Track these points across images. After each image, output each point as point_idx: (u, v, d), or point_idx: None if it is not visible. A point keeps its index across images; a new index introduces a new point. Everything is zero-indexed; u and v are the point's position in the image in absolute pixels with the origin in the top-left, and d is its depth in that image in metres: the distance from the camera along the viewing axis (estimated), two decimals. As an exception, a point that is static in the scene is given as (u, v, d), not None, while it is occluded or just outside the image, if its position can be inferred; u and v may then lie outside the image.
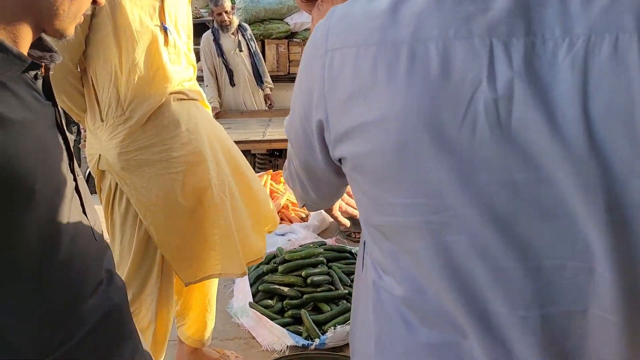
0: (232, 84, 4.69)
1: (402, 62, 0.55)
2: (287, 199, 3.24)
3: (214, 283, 1.92)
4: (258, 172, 3.59)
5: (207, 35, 4.66)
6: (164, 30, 1.61)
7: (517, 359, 0.58)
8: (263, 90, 4.77)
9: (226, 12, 4.50)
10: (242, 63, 4.64)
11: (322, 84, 0.61)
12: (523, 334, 0.57)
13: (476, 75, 0.53)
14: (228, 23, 4.54)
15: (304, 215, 3.15)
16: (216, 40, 4.60)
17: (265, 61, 4.92)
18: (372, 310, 0.69)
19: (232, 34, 4.60)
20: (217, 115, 4.62)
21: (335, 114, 0.61)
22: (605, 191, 0.52)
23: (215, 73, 4.68)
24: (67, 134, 0.84)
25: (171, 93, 1.64)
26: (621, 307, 0.55)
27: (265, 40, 5.00)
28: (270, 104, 4.83)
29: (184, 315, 1.89)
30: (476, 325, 0.59)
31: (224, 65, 4.62)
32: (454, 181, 0.55)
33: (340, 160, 0.65)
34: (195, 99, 1.73)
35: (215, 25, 4.62)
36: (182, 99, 1.68)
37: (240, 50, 4.61)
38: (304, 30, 4.99)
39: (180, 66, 1.69)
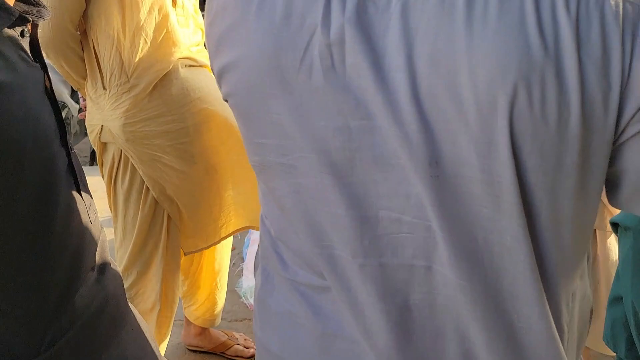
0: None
1: (254, 4, 0.55)
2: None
3: (225, 260, 1.85)
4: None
5: None
6: None
7: (361, 306, 0.59)
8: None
9: None
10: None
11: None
12: (364, 281, 0.58)
13: (313, 21, 0.52)
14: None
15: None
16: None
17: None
18: (260, 244, 0.73)
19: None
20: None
21: (212, 53, 0.63)
22: (428, 145, 0.51)
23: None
24: (67, 102, 0.73)
25: (179, 59, 1.56)
26: (458, 267, 0.54)
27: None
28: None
29: (191, 295, 1.82)
30: (328, 269, 0.60)
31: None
32: (295, 124, 0.56)
33: None
34: (206, 65, 1.64)
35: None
36: (191, 65, 1.60)
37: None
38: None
39: (188, 29, 1.62)
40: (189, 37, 1.62)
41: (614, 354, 1.12)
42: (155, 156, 1.49)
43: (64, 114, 3.89)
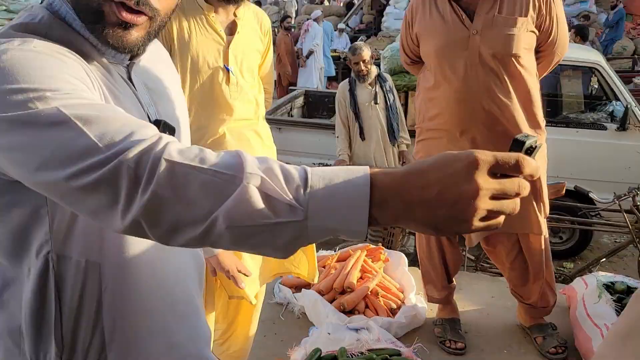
0: (363, 137, 4.33)
1: None
2: (378, 283, 2.77)
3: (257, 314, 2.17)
4: (364, 243, 3.20)
5: (343, 84, 4.35)
6: (226, 70, 1.87)
7: None
8: (397, 146, 4.38)
9: (364, 61, 4.18)
10: (376, 116, 4.27)
11: None
12: None
13: None
14: (365, 73, 4.21)
15: (394, 307, 2.66)
16: (351, 91, 4.27)
17: (406, 114, 4.53)
18: None
19: (370, 84, 4.26)
20: (344, 169, 4.32)
21: None
22: None
23: (348, 124, 4.34)
24: None
25: (229, 128, 1.90)
26: None
27: (409, 92, 4.61)
28: (404, 162, 4.41)
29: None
30: None
31: (355, 117, 4.29)
32: None
33: None
34: (255, 138, 1.96)
35: (352, 74, 4.30)
36: (239, 136, 1.92)
37: (376, 103, 4.26)
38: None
39: (240, 103, 1.92)
40: (241, 110, 1.92)
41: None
42: None
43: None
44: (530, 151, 0.73)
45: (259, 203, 0.69)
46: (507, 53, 2.15)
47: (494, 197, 0.68)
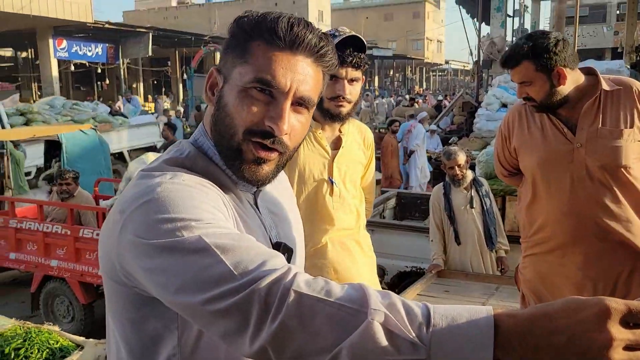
0: (458, 241, 4.23)
1: None
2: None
3: None
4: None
5: (438, 188, 4.34)
6: (330, 182, 1.97)
7: None
8: (496, 252, 4.23)
9: (459, 165, 4.17)
10: (472, 220, 4.18)
11: None
12: None
13: None
14: (460, 177, 4.18)
15: None
16: (446, 194, 4.24)
17: (504, 220, 4.41)
18: None
19: (465, 188, 4.22)
20: (439, 274, 4.20)
21: None
22: None
23: (442, 228, 4.28)
24: None
25: (330, 238, 1.97)
26: None
27: (507, 197, 4.52)
28: (503, 269, 4.24)
29: None
30: None
31: (450, 221, 4.22)
32: None
33: None
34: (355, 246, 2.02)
35: (447, 178, 4.29)
36: (341, 245, 1.99)
37: (472, 207, 4.19)
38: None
39: (342, 214, 2.00)
40: (343, 220, 2.00)
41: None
42: None
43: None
44: None
45: (383, 340, 0.70)
46: (617, 165, 2.09)
47: (627, 348, 0.65)
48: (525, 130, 2.27)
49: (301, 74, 0.97)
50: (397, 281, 4.86)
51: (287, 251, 1.05)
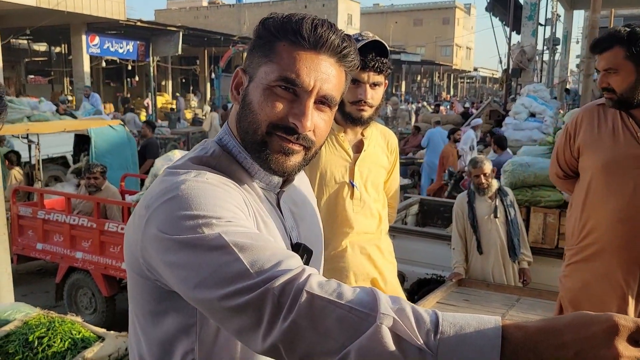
0: (480, 251, 4.19)
1: None
2: None
3: None
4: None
5: (462, 196, 4.31)
6: (351, 185, 1.98)
7: None
8: (518, 263, 4.18)
9: (485, 174, 4.13)
10: (495, 230, 4.14)
11: None
12: None
13: None
14: (485, 186, 4.15)
15: None
16: (470, 203, 4.21)
17: (528, 231, 4.35)
18: None
19: (490, 197, 4.18)
20: (460, 283, 4.17)
21: None
22: None
23: (465, 237, 4.24)
24: None
25: (351, 242, 1.97)
26: None
27: (532, 208, 4.45)
28: (524, 281, 4.19)
29: None
30: None
31: (473, 230, 4.18)
32: None
33: None
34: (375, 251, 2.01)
35: (472, 187, 4.25)
36: (361, 250, 1.99)
37: (496, 217, 4.15)
38: (581, 203, 4.36)
39: (363, 217, 2.00)
40: (363, 223, 1.99)
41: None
42: None
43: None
44: None
45: (390, 344, 0.71)
46: None
47: None
48: (595, 129, 2.20)
49: (324, 73, 1.00)
50: (417, 288, 4.83)
51: (306, 252, 1.07)
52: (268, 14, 1.05)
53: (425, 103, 28.80)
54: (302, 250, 1.07)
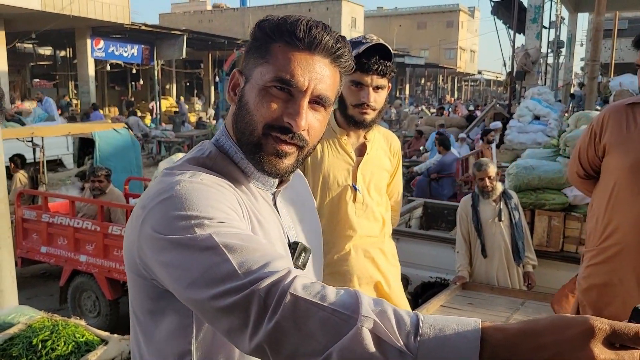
0: (484, 254, 4.18)
1: None
2: None
3: None
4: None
5: (466, 199, 4.29)
6: (354, 189, 1.98)
7: None
8: (523, 266, 4.16)
9: (489, 177, 4.12)
10: (499, 233, 4.13)
11: None
12: None
13: None
14: (490, 189, 4.13)
15: None
16: (474, 206, 4.19)
17: (532, 234, 4.34)
18: None
19: (494, 201, 4.16)
20: (464, 286, 4.16)
21: None
22: None
23: (469, 240, 4.23)
24: None
25: (354, 245, 1.98)
26: None
27: (536, 211, 4.43)
28: (529, 284, 4.17)
29: None
30: None
31: (477, 233, 4.17)
32: None
33: None
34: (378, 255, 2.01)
35: (476, 190, 4.24)
36: (364, 253, 1.99)
37: (500, 220, 4.13)
38: (586, 204, 4.32)
39: (366, 221, 2.00)
40: (366, 227, 1.99)
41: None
42: None
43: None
44: None
45: (371, 346, 0.73)
46: None
47: None
48: (624, 129, 2.17)
49: (318, 74, 1.01)
50: (421, 291, 4.82)
51: (304, 250, 1.09)
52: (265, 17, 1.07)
53: (423, 107, 28.76)
54: (300, 248, 1.08)
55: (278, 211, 1.12)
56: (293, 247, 1.08)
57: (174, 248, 0.87)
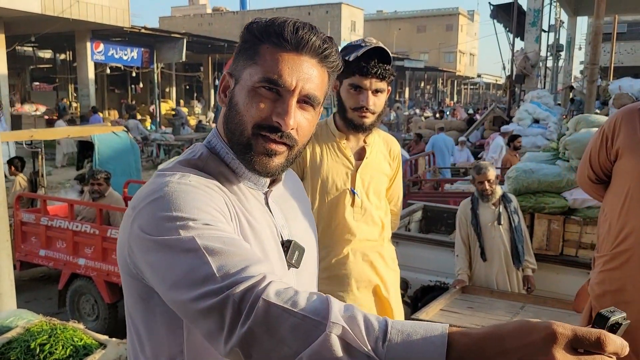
0: (484, 258, 4.17)
1: None
2: None
3: None
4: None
5: (465, 202, 4.29)
6: (352, 193, 1.97)
7: None
8: (522, 270, 4.15)
9: (489, 181, 4.12)
10: (499, 237, 4.12)
11: None
12: None
13: None
14: (489, 193, 4.13)
15: None
16: (473, 209, 4.19)
17: (532, 238, 4.33)
18: None
19: (493, 204, 4.16)
20: (464, 290, 4.16)
21: None
22: None
23: (468, 243, 4.22)
24: None
25: (352, 249, 1.97)
26: None
27: (536, 214, 4.42)
28: (529, 288, 4.16)
29: None
30: None
31: (476, 237, 4.17)
32: None
33: None
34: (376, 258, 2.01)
35: (475, 193, 4.24)
36: (363, 257, 1.99)
37: (499, 223, 4.13)
38: (586, 208, 4.31)
39: (364, 225, 2.00)
40: (364, 231, 1.99)
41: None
42: None
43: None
44: (616, 328, 0.71)
45: (339, 352, 0.74)
46: None
47: None
48: (637, 132, 2.15)
49: (306, 74, 1.03)
50: (421, 295, 4.81)
51: (297, 249, 1.10)
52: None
53: (417, 110, 28.73)
54: (293, 246, 1.10)
55: (270, 210, 1.13)
56: (286, 245, 1.10)
57: (160, 249, 0.88)
